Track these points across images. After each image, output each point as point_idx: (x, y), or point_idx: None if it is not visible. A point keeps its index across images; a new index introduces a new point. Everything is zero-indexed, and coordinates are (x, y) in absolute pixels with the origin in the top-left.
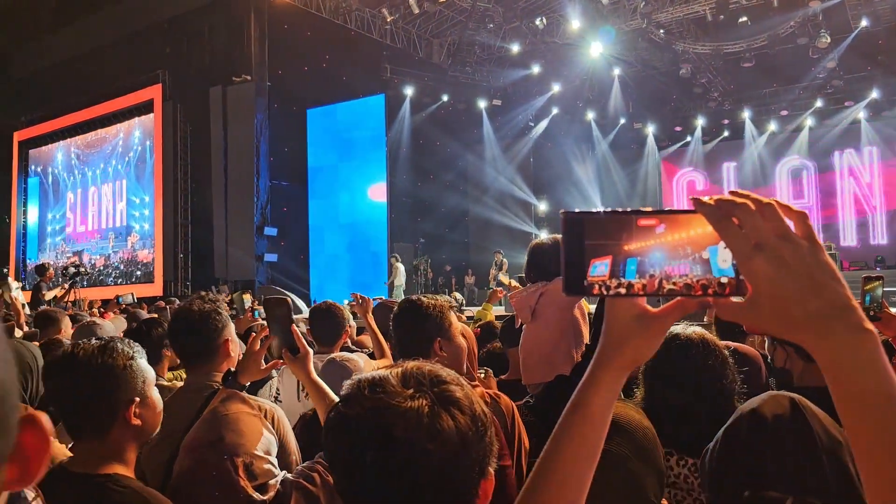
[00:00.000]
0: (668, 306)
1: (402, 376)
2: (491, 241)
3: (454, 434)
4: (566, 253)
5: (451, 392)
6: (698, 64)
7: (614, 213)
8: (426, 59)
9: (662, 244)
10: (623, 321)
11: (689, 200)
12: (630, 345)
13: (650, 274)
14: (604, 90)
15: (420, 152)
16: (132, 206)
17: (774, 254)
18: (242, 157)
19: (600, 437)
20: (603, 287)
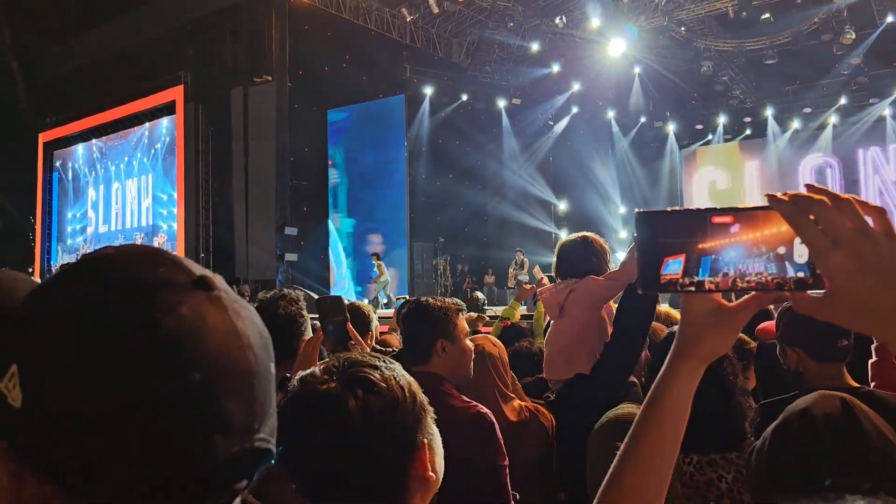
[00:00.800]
0: (745, 300)
1: (325, 368)
2: (510, 240)
3: (357, 411)
4: (641, 251)
5: (361, 374)
6: (720, 61)
7: (688, 211)
8: (446, 59)
9: (736, 242)
10: (700, 315)
11: (764, 196)
12: (707, 338)
13: (724, 272)
14: (624, 88)
15: (439, 152)
16: (159, 203)
17: (853, 249)
18: (263, 158)
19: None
20: (678, 284)
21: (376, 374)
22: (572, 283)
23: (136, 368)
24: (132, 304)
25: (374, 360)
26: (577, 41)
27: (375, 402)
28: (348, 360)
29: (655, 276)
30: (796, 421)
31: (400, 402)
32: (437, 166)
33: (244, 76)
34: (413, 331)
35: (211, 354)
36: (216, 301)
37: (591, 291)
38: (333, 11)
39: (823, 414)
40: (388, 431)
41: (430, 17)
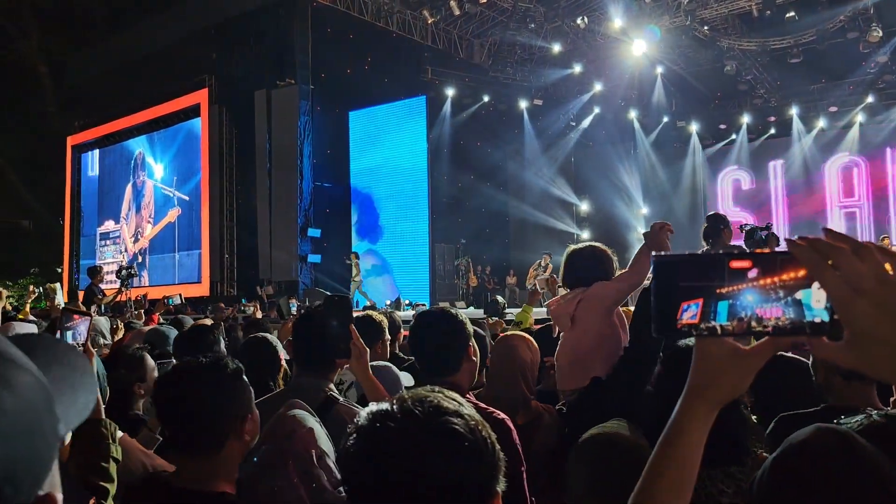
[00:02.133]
0: (760, 344)
1: (402, 408)
2: (532, 241)
3: (445, 461)
4: (657, 296)
5: (447, 422)
6: (743, 60)
7: (706, 256)
8: (467, 60)
9: (754, 286)
10: (715, 358)
11: (784, 242)
12: (722, 382)
13: (740, 317)
14: (646, 88)
15: (461, 153)
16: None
17: (875, 297)
18: (286, 160)
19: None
20: (695, 329)
21: (461, 422)
22: (580, 292)
23: None
24: None
25: (455, 403)
26: (598, 41)
27: (462, 454)
28: (430, 404)
29: (672, 319)
30: (794, 454)
31: (484, 452)
32: (458, 167)
33: (267, 79)
34: (441, 341)
35: None
36: None
37: (603, 296)
38: (355, 14)
39: (821, 446)
40: (472, 483)
41: (452, 19)
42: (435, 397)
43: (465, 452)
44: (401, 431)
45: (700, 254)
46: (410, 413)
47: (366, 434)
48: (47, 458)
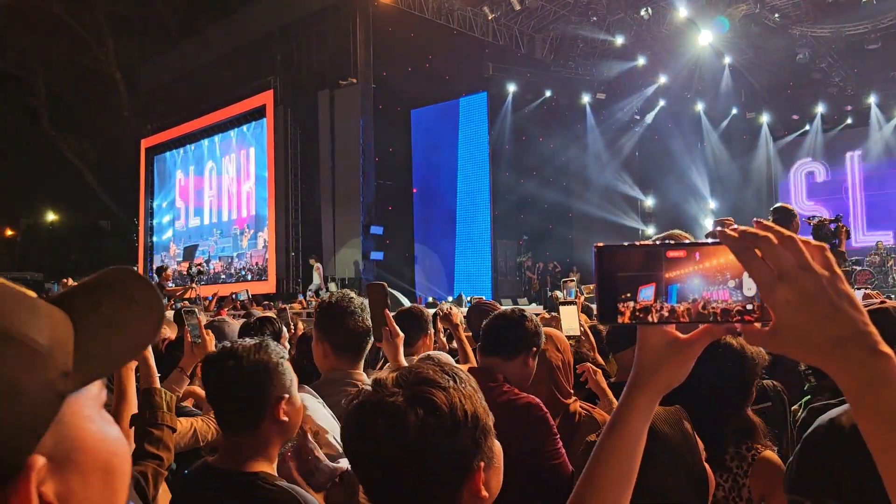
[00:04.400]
0: (697, 332)
1: (396, 377)
2: (596, 237)
3: (414, 430)
4: (600, 285)
5: (425, 391)
6: (817, 48)
7: (644, 246)
8: (528, 55)
9: (697, 272)
10: (655, 348)
11: (716, 231)
12: (663, 370)
13: (692, 299)
14: (714, 80)
15: (523, 148)
16: (262, 184)
17: (796, 283)
18: (349, 158)
19: (636, 460)
20: (637, 313)
21: (442, 395)
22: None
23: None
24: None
25: (447, 377)
26: (663, 32)
27: (434, 423)
28: (421, 375)
29: (613, 307)
30: (824, 430)
31: (460, 426)
32: (520, 164)
33: (330, 79)
34: (500, 328)
35: None
36: None
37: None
38: (416, 12)
39: (851, 424)
40: (442, 453)
41: (512, 14)
42: (431, 370)
43: (436, 422)
44: (381, 395)
45: (638, 244)
46: (398, 381)
47: (356, 398)
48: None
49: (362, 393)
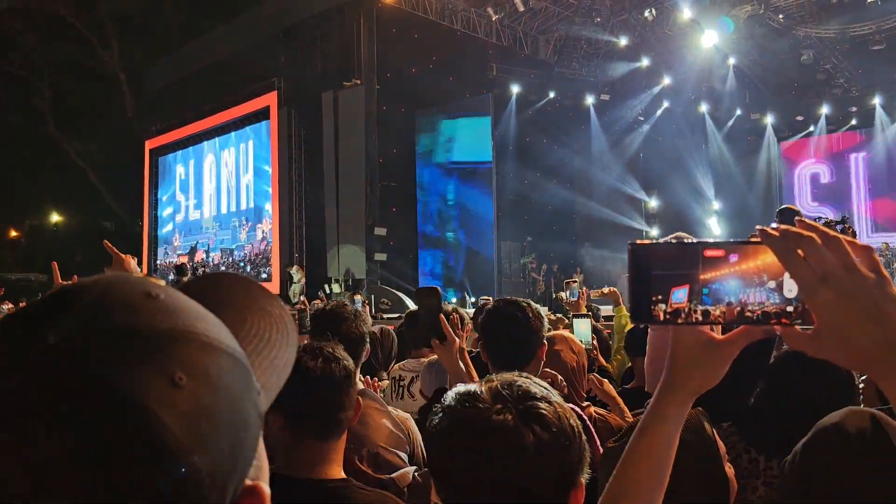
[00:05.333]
0: (734, 333)
1: (492, 391)
2: (599, 238)
3: (533, 448)
4: (634, 284)
5: (535, 408)
6: (821, 49)
7: (680, 244)
8: (532, 56)
9: (734, 273)
10: (690, 349)
11: (757, 230)
12: (697, 372)
13: (727, 301)
14: (718, 81)
15: (526, 150)
16: (262, 177)
17: (839, 285)
18: (353, 159)
19: (667, 465)
20: (671, 315)
21: (550, 410)
22: None
23: None
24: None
25: (544, 390)
26: (667, 34)
27: (550, 440)
28: (519, 389)
29: (647, 307)
30: (826, 436)
31: (571, 441)
32: (524, 165)
33: (334, 80)
34: (518, 331)
35: None
36: None
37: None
38: (420, 13)
39: (853, 428)
40: (556, 469)
41: (516, 15)
42: (524, 382)
43: (552, 439)
44: (488, 413)
45: (675, 242)
46: (499, 395)
47: (452, 413)
48: (251, 447)
49: (452, 410)
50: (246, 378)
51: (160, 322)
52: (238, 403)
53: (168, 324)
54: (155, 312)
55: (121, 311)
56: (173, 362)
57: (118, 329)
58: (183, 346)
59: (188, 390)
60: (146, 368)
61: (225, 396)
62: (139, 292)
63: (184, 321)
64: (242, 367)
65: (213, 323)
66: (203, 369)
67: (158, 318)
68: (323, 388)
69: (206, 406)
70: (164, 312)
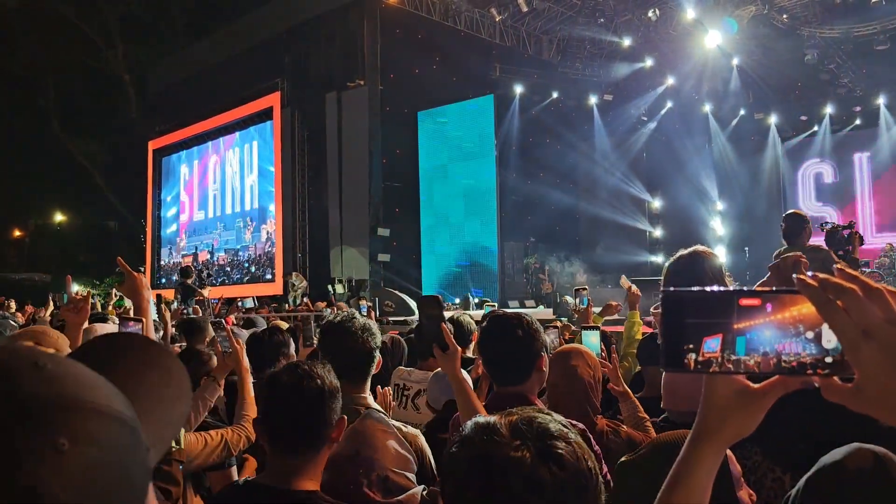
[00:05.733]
0: (769, 383)
1: (511, 426)
2: (602, 239)
3: (551, 487)
4: (666, 331)
5: (554, 447)
6: (826, 49)
7: (715, 292)
8: (535, 57)
9: (770, 322)
10: (724, 397)
11: (794, 279)
12: (732, 420)
13: (763, 351)
14: (721, 81)
15: (530, 150)
16: (266, 178)
17: (884, 340)
18: (356, 160)
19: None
20: (704, 364)
21: (569, 449)
22: None
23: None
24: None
25: (563, 428)
26: (670, 34)
27: (567, 480)
28: (539, 426)
29: (680, 354)
30: (828, 473)
31: (587, 483)
32: (527, 165)
33: (338, 81)
34: (512, 349)
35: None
36: None
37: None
38: (423, 14)
39: (856, 468)
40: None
41: (519, 16)
42: (543, 419)
43: (569, 479)
44: (507, 449)
45: (709, 290)
46: (518, 432)
47: (471, 445)
48: (137, 501)
49: (470, 441)
50: (133, 439)
51: (45, 391)
52: (122, 463)
53: (54, 392)
54: (40, 382)
55: (6, 381)
56: (57, 429)
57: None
58: (68, 413)
59: (71, 455)
60: (30, 435)
61: (109, 459)
62: (27, 363)
63: (72, 389)
64: (130, 429)
65: (103, 389)
66: (87, 434)
67: (44, 387)
68: (295, 404)
69: (89, 468)
70: (49, 381)
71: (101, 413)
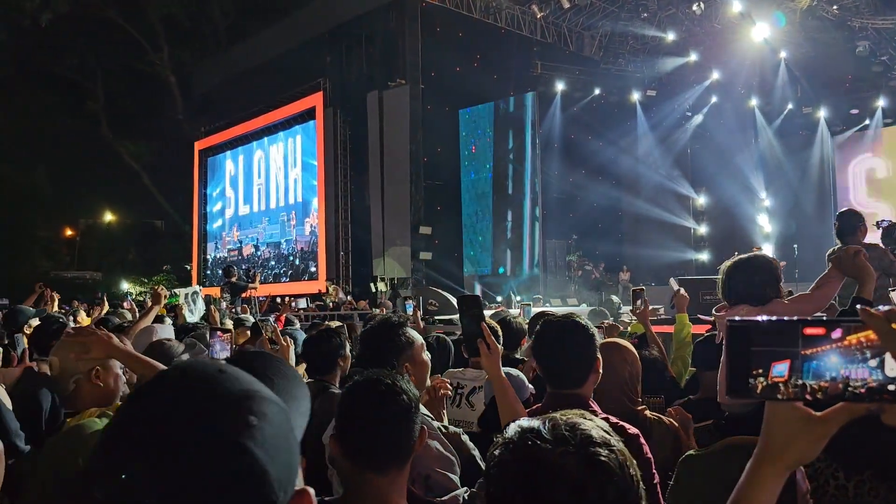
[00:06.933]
0: (833, 410)
1: (555, 431)
2: (646, 236)
3: (594, 494)
4: (730, 359)
5: (598, 454)
6: (878, 40)
7: (779, 321)
8: (577, 53)
9: (835, 349)
10: (787, 423)
11: (859, 311)
12: (794, 447)
13: (830, 377)
14: (768, 74)
15: (572, 147)
16: (309, 171)
17: None
18: (398, 159)
19: None
20: (772, 388)
21: (612, 457)
22: (757, 309)
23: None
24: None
25: (605, 435)
26: (715, 27)
27: (611, 488)
28: (582, 433)
29: (744, 382)
30: None
31: (629, 491)
32: (569, 162)
33: (379, 80)
34: (572, 355)
35: None
36: None
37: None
38: (464, 12)
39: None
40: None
41: (561, 12)
42: (587, 424)
43: (613, 488)
44: (551, 455)
45: (774, 320)
46: (562, 438)
47: (515, 449)
48: (297, 465)
49: (513, 444)
50: (288, 418)
51: (232, 387)
52: (287, 434)
53: (237, 387)
54: (227, 381)
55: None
56: (248, 411)
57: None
58: (251, 400)
59: (258, 427)
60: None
61: (280, 430)
62: (214, 370)
63: (247, 384)
64: (286, 412)
65: (261, 384)
66: (264, 414)
67: (231, 384)
68: (382, 421)
69: (271, 436)
70: (232, 380)
71: (270, 399)
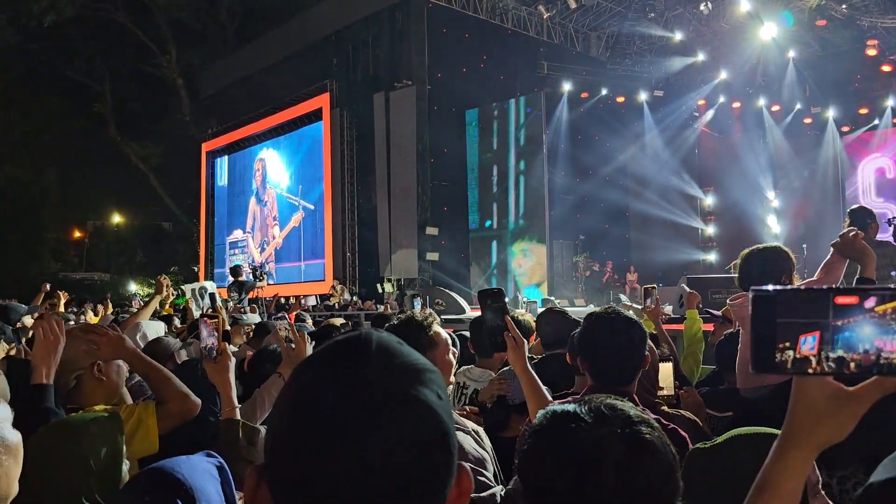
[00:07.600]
0: (866, 385)
1: (595, 411)
2: (654, 236)
3: (642, 473)
4: (756, 332)
5: (641, 433)
6: (887, 39)
7: (808, 290)
8: (584, 54)
9: (868, 319)
10: (816, 400)
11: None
12: (823, 425)
13: (863, 349)
14: (776, 74)
15: (579, 148)
16: (316, 172)
17: None
18: (404, 160)
19: None
20: (802, 362)
21: (655, 435)
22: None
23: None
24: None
25: (641, 414)
26: (723, 27)
27: (656, 470)
28: (622, 412)
29: (771, 356)
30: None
31: (674, 470)
32: (576, 163)
33: (385, 82)
34: (624, 355)
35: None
36: None
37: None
38: (470, 13)
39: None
40: (663, 496)
41: (568, 12)
42: (625, 405)
43: (658, 467)
44: (592, 435)
45: (802, 288)
46: (603, 417)
47: (552, 432)
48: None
49: (550, 429)
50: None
51: (420, 361)
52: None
53: (423, 361)
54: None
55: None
56: (435, 384)
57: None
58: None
59: (444, 400)
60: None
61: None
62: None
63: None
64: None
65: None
66: (441, 384)
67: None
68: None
69: (448, 410)
70: (414, 353)
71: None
